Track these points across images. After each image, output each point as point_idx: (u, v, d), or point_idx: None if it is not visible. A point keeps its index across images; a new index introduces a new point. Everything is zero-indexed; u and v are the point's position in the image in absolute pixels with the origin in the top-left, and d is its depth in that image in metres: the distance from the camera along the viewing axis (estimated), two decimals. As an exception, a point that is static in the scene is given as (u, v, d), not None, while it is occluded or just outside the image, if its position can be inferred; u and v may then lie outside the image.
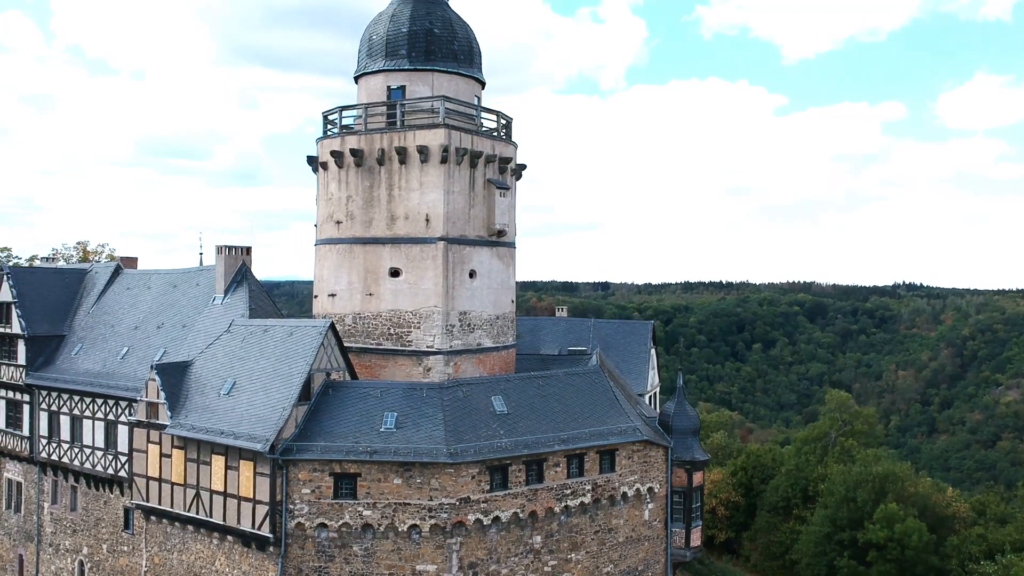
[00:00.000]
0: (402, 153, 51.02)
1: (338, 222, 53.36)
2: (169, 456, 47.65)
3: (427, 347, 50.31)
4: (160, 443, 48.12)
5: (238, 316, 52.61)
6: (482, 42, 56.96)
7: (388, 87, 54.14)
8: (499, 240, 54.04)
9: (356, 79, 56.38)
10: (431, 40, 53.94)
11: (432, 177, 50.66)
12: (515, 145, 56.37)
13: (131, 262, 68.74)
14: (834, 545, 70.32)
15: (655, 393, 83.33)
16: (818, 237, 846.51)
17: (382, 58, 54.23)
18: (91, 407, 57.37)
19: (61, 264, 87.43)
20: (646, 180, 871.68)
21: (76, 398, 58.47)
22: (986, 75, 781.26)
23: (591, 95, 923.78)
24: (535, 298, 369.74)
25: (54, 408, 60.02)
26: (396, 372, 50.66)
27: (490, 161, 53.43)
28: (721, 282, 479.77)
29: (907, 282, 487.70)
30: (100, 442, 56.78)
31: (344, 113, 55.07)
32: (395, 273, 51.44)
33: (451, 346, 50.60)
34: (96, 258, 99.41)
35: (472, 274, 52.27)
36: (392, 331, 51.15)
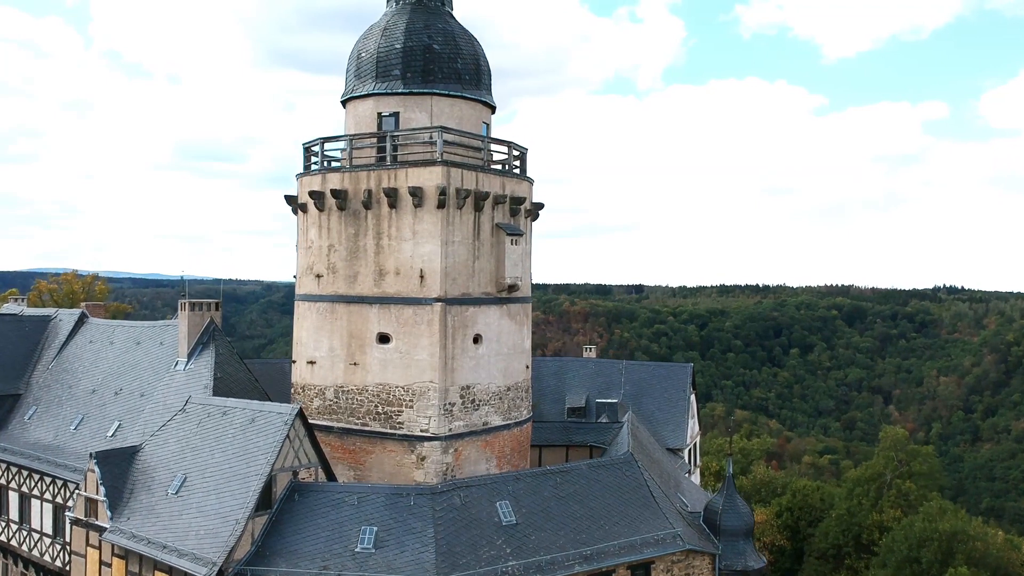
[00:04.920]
0: (392, 195, 42.46)
1: (318, 275, 44.92)
2: (109, 565, 39.42)
3: (421, 431, 41.68)
4: (100, 548, 39.94)
5: (200, 387, 44.47)
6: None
7: (379, 114, 45.66)
8: (510, 296, 45.32)
9: (343, 104, 47.91)
10: (430, 58, 45.35)
11: (428, 225, 42.02)
12: (530, 181, 47.65)
13: (98, 310, 60.88)
14: (895, 612, 61.48)
15: (695, 444, 74.54)
16: (856, 239, 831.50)
17: (372, 80, 45.73)
18: (39, 485, 49.55)
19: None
20: (682, 181, 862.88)
21: (25, 473, 50.66)
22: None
23: (627, 95, 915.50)
24: (568, 302, 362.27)
25: (3, 481, 52.25)
26: (384, 460, 42.14)
27: (499, 202, 44.72)
28: (757, 285, 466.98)
29: (948, 285, 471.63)
30: (48, 527, 49.12)
31: (329, 145, 46.60)
32: (384, 339, 42.86)
33: (451, 429, 41.95)
34: (87, 287, 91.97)
35: (477, 339, 43.55)
36: (380, 409, 42.58)
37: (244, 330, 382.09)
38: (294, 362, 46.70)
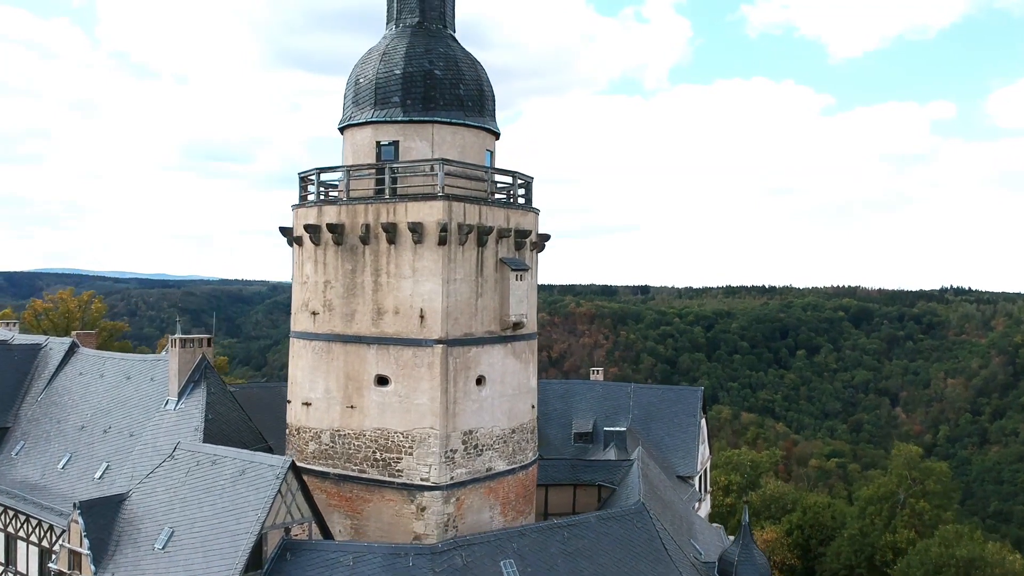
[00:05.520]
0: (391, 231, 40.38)
1: (314, 313, 42.88)
2: (94, 623, 37.51)
3: (421, 480, 39.58)
4: (84, 604, 38.06)
5: (191, 429, 42.71)
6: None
7: (378, 143, 43.55)
8: (515, 334, 43.25)
9: (341, 131, 45.86)
10: (431, 84, 43.22)
11: (428, 262, 39.95)
12: (536, 211, 45.58)
13: (89, 339, 59.05)
14: (910, 639, 59.69)
15: (706, 470, 72.57)
16: (863, 240, 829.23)
17: (370, 107, 43.62)
18: (25, 527, 47.72)
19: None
20: (688, 181, 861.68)
21: (11, 512, 48.85)
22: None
23: (633, 95, 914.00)
24: (573, 304, 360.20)
25: (-11, 520, 50.49)
26: (383, 509, 40.08)
27: (503, 236, 42.63)
28: (764, 286, 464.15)
29: (955, 286, 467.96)
30: (34, 571, 47.24)
31: (325, 175, 44.52)
32: (382, 381, 40.74)
33: (452, 477, 39.86)
34: (84, 305, 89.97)
35: (480, 381, 41.42)
36: (378, 456, 40.52)
37: (250, 331, 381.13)
38: (289, 402, 44.69)
